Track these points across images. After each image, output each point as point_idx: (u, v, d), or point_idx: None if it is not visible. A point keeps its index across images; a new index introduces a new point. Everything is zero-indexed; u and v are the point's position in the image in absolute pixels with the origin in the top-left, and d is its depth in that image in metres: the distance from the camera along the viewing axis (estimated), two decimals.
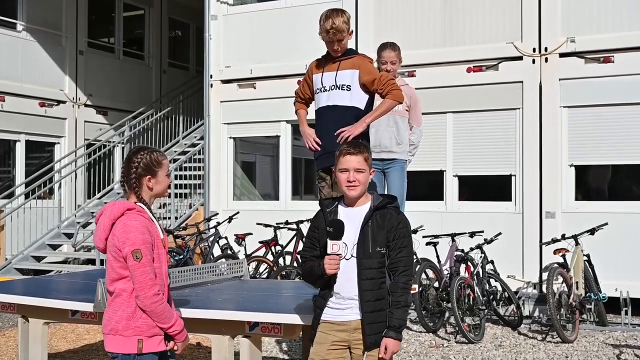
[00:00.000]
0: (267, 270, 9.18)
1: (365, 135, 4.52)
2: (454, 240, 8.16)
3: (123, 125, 14.52)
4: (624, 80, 8.73)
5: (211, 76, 11.23)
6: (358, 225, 3.39)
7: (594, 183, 9.53)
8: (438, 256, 8.27)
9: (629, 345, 7.13)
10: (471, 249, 8.07)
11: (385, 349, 3.33)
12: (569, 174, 9.05)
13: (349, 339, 3.41)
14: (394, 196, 3.64)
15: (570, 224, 8.55)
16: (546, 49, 9.07)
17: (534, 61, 9.13)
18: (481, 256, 8.12)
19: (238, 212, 10.27)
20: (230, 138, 11.35)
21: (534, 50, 9.14)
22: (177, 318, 3.34)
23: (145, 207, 3.37)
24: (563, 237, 7.92)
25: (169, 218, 11.88)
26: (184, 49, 17.63)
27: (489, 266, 8.26)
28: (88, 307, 4.32)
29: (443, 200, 9.69)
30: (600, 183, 9.50)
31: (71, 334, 7.65)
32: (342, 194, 3.52)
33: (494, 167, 9.48)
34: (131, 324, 3.29)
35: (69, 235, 12.50)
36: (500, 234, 8.26)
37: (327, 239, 3.32)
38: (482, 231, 8.27)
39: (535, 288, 8.77)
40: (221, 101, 11.26)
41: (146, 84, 16.07)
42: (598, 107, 8.89)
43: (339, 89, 4.47)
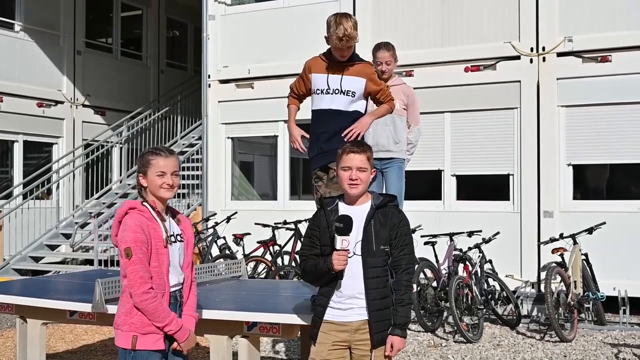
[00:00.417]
0: (266, 270, 9.19)
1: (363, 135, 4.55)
2: (452, 239, 8.17)
3: (121, 125, 14.50)
4: (621, 80, 8.73)
5: (209, 76, 11.22)
6: (360, 224, 3.39)
7: (592, 182, 9.53)
8: (436, 256, 8.27)
9: (627, 344, 7.13)
10: (469, 249, 8.08)
11: (392, 347, 3.33)
12: (567, 173, 9.05)
13: (350, 339, 3.41)
14: (394, 195, 3.64)
15: (568, 223, 8.54)
16: (544, 49, 9.08)
17: (531, 60, 9.13)
18: (479, 256, 8.14)
19: (236, 212, 10.29)
20: (228, 138, 11.35)
21: (532, 49, 9.14)
22: (174, 318, 3.33)
23: (149, 206, 3.38)
24: (561, 237, 7.94)
25: None
26: (182, 49, 17.62)
27: (487, 265, 8.27)
28: (86, 308, 4.31)
29: (441, 199, 9.70)
30: (598, 182, 9.50)
31: (69, 335, 7.64)
32: (337, 192, 3.51)
33: (491, 167, 9.47)
34: (128, 320, 3.34)
35: (67, 236, 12.48)
36: (498, 233, 8.27)
37: (335, 235, 3.31)
38: (480, 231, 8.28)
39: (533, 287, 8.77)
40: (219, 101, 11.25)
41: (144, 84, 16.05)
42: (596, 107, 8.89)
43: (344, 94, 4.47)
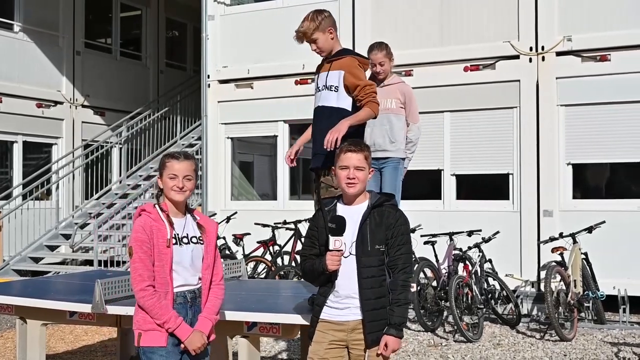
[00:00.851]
0: (266, 270, 9.20)
1: (360, 135, 4.49)
2: (452, 239, 8.17)
3: (120, 125, 14.50)
4: (620, 79, 8.72)
5: (208, 76, 11.20)
6: (357, 223, 3.38)
7: (592, 181, 9.53)
8: (436, 255, 8.27)
9: (627, 343, 7.13)
10: (469, 248, 8.08)
11: (386, 346, 3.32)
12: (567, 172, 9.04)
13: (347, 339, 3.41)
14: (391, 194, 3.63)
15: (568, 222, 8.54)
16: (543, 48, 9.07)
17: (530, 60, 9.12)
18: (479, 255, 8.15)
19: (236, 212, 10.29)
20: (227, 138, 11.34)
21: (531, 49, 9.13)
22: (172, 316, 3.36)
23: (158, 208, 3.46)
24: (561, 236, 7.94)
25: None
26: (181, 49, 17.63)
27: (487, 265, 8.27)
28: (86, 308, 4.31)
29: (441, 199, 9.68)
30: (598, 181, 9.51)
31: (69, 335, 7.65)
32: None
33: (491, 166, 9.46)
34: (135, 318, 3.46)
35: (67, 236, 12.50)
36: (498, 232, 8.28)
37: (329, 235, 3.31)
38: (480, 230, 8.28)
39: (533, 286, 8.76)
40: (219, 101, 11.24)
41: (143, 84, 16.05)
42: (595, 106, 8.88)
43: (328, 89, 4.45)
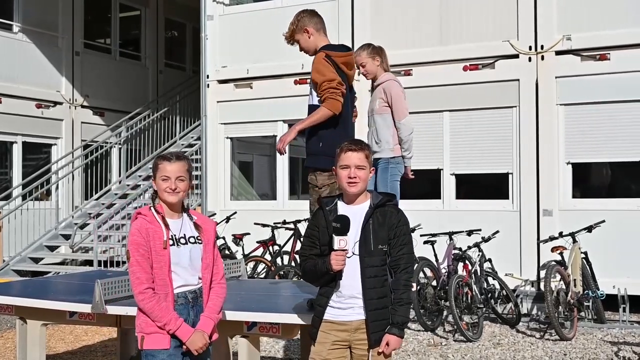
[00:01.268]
0: (265, 270, 9.21)
1: (337, 135, 4.43)
2: (451, 238, 8.18)
3: (120, 126, 14.52)
4: (620, 78, 8.73)
5: (208, 76, 11.22)
6: (359, 223, 3.36)
7: (591, 180, 9.57)
8: (436, 255, 8.28)
9: (627, 342, 7.14)
10: (469, 248, 8.10)
11: (387, 345, 3.31)
12: (566, 171, 9.05)
13: (350, 339, 3.39)
14: (393, 194, 3.62)
15: (568, 221, 8.55)
16: (542, 47, 9.08)
17: (530, 59, 9.14)
18: (479, 254, 8.16)
19: (235, 212, 10.31)
20: (227, 138, 11.36)
21: (530, 48, 9.14)
22: (172, 318, 3.36)
23: (153, 210, 3.44)
24: (560, 235, 7.96)
25: None
26: (181, 49, 17.65)
27: (487, 264, 8.28)
28: (86, 308, 4.32)
29: (440, 198, 9.70)
30: (598, 180, 9.54)
31: (69, 336, 7.65)
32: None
33: (491, 165, 9.48)
34: (137, 321, 3.44)
35: (67, 237, 12.50)
36: (497, 232, 8.29)
37: (333, 235, 3.27)
38: (480, 229, 8.29)
39: (533, 286, 8.77)
40: (218, 101, 11.26)
41: (143, 84, 16.07)
42: (594, 105, 8.91)
43: (310, 88, 4.56)
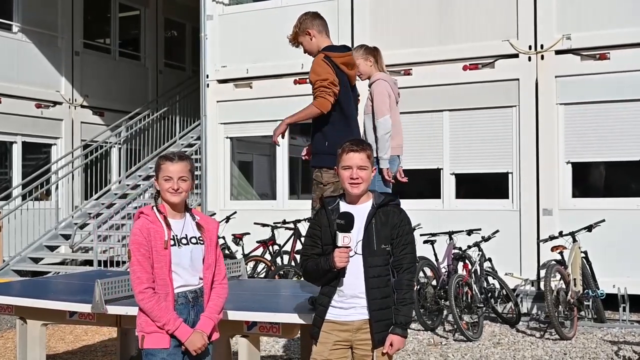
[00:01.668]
0: (265, 269, 9.22)
1: (329, 133, 4.61)
2: (451, 238, 8.19)
3: (119, 126, 14.54)
4: (619, 77, 8.75)
5: (207, 76, 11.23)
6: (362, 223, 3.36)
7: (591, 180, 9.57)
8: (436, 254, 8.30)
9: (627, 341, 7.14)
10: (469, 247, 8.11)
11: (391, 345, 3.31)
12: (566, 171, 9.07)
13: (352, 339, 3.39)
14: (395, 194, 3.62)
15: (568, 221, 8.57)
16: (542, 46, 9.10)
17: (530, 58, 9.15)
18: (479, 254, 8.17)
19: (235, 212, 10.32)
20: (227, 138, 11.37)
21: (530, 47, 9.15)
22: (172, 317, 3.37)
23: (155, 210, 3.45)
24: (560, 234, 7.98)
25: None
26: (180, 49, 17.67)
27: (487, 264, 8.29)
28: (86, 308, 4.33)
29: (440, 198, 9.72)
30: (597, 180, 9.55)
31: (69, 335, 7.66)
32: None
33: (491, 165, 9.49)
34: (137, 320, 3.46)
35: (67, 237, 12.51)
36: (497, 231, 8.30)
37: (337, 232, 3.27)
38: (480, 229, 8.30)
39: (533, 285, 8.78)
40: (218, 101, 11.27)
41: (142, 84, 16.09)
42: (594, 104, 8.92)
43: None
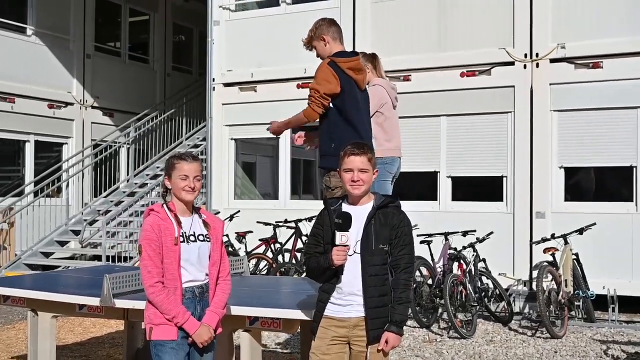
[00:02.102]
0: (267, 267, 9.27)
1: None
2: (447, 239, 8.25)
3: (128, 126, 14.65)
4: (612, 86, 8.79)
5: (213, 79, 11.27)
6: (361, 223, 3.41)
7: (583, 184, 9.53)
8: (432, 254, 8.38)
9: (615, 341, 7.19)
10: (464, 248, 8.15)
11: (386, 343, 3.35)
12: (559, 175, 9.10)
13: (349, 335, 3.43)
14: (396, 196, 3.70)
15: (560, 223, 8.60)
16: (537, 55, 9.14)
17: (525, 66, 9.19)
18: (473, 254, 8.20)
19: (239, 211, 10.37)
20: (231, 139, 11.40)
21: (526, 55, 9.20)
22: (180, 311, 3.46)
23: (165, 207, 3.53)
24: (552, 237, 8.02)
25: None
26: (188, 53, 17.74)
27: (481, 264, 8.34)
28: (95, 302, 4.37)
29: (437, 200, 9.75)
30: (589, 184, 9.48)
31: (78, 327, 7.78)
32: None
33: (486, 169, 9.51)
34: (146, 313, 3.54)
35: (77, 232, 12.70)
36: (491, 233, 8.33)
37: (335, 231, 3.34)
38: (475, 230, 8.35)
39: (525, 285, 8.79)
40: (223, 104, 11.32)
41: (151, 86, 16.20)
42: (587, 111, 8.95)
43: None
